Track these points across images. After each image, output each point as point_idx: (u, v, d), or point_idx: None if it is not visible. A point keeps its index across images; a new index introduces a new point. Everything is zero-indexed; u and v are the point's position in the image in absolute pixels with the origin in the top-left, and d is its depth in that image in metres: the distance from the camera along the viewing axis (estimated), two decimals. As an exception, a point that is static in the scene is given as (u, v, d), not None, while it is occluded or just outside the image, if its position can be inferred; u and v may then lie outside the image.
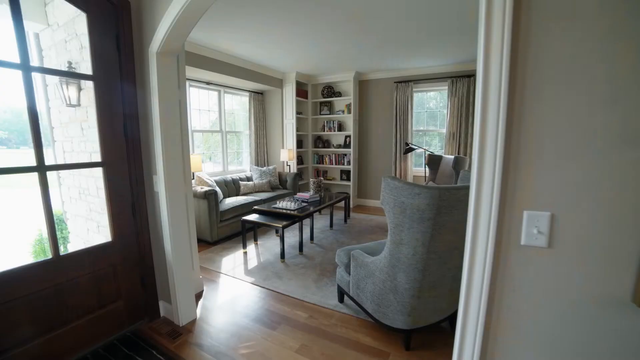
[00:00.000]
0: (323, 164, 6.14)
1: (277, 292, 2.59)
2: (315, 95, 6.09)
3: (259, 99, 5.62)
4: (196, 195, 3.64)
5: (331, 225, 4.42)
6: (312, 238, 3.84)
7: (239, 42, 3.71)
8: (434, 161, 4.83)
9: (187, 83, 4.40)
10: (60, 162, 2.53)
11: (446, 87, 5.09)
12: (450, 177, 4.41)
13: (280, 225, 3.09)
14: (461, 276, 1.07)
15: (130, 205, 1.95)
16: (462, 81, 4.85)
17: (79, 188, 2.45)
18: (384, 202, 1.71)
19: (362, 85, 5.76)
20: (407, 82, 5.25)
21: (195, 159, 3.65)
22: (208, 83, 4.74)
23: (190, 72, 4.10)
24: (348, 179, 5.98)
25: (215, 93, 5.00)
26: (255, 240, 3.79)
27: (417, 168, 5.66)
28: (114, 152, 1.83)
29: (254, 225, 3.34)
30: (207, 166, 5.08)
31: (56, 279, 1.62)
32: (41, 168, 1.51)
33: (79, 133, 2.29)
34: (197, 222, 3.75)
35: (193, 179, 3.82)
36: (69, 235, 2.78)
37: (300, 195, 3.96)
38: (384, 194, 1.69)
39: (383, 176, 1.71)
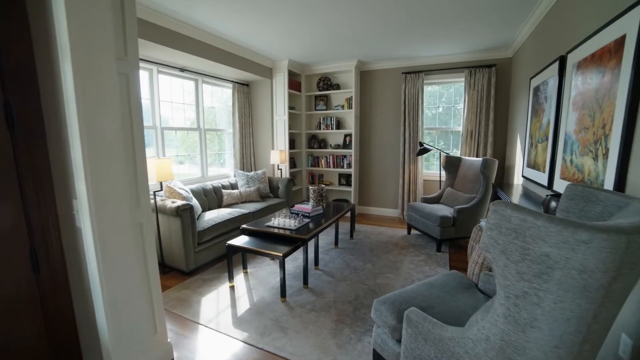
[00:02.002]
0: (319, 166, 5.36)
1: (283, 358, 1.79)
2: (310, 88, 5.30)
3: (245, 91, 4.76)
4: (166, 211, 2.77)
5: (336, 242, 3.64)
6: (316, 262, 3.05)
7: (222, 14, 2.87)
8: (452, 164, 4.16)
9: (156, 68, 3.50)
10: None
11: (462, 79, 4.45)
12: (476, 184, 3.75)
13: (281, 254, 2.29)
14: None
15: (27, 253, 1.09)
16: (481, 72, 4.22)
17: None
18: (491, 248, 0.96)
19: (365, 76, 5.02)
20: (418, 73, 4.56)
21: (162, 165, 2.77)
22: (182, 70, 3.85)
23: (160, 53, 3.21)
24: (348, 184, 5.23)
25: (192, 82, 4.11)
26: (245, 267, 2.94)
27: (427, 171, 5.00)
28: (-16, 160, 0.98)
29: (242, 250, 2.53)
30: (186, 169, 4.18)
31: None
32: None
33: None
34: (167, 246, 2.88)
35: (161, 190, 2.94)
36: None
37: (299, 207, 3.16)
38: (494, 234, 0.94)
39: (494, 202, 0.95)
